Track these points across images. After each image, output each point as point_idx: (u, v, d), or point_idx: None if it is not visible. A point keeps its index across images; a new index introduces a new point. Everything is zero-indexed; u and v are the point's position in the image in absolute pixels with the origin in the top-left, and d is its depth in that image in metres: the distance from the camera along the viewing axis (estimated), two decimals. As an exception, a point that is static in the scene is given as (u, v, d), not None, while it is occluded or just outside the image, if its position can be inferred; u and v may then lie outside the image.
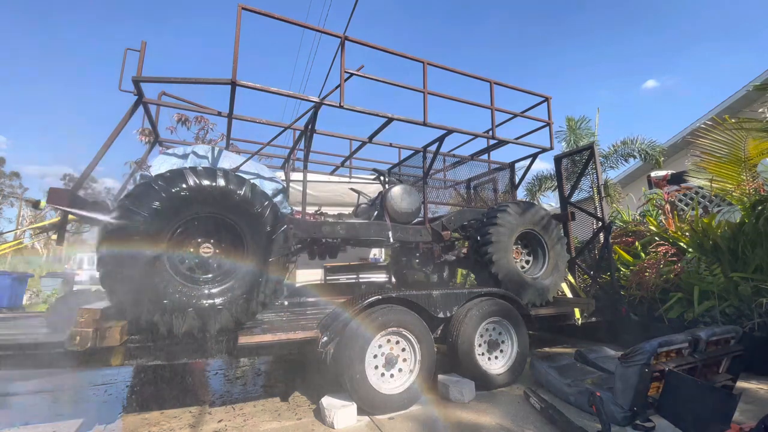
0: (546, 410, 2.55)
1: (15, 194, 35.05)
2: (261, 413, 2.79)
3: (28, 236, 14.81)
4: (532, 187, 9.55)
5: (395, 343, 2.87)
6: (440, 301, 3.18)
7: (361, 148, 5.05)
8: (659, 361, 2.40)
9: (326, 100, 3.51)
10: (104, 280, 2.28)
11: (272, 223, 2.69)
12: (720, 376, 2.66)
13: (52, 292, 9.99)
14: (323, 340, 2.65)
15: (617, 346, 4.24)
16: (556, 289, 4.19)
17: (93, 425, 2.62)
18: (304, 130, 4.10)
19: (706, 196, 7.06)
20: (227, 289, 2.53)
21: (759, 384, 3.11)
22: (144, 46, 3.25)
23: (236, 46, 3.08)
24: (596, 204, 4.93)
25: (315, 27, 3.58)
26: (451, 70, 4.28)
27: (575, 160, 6.96)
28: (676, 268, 4.13)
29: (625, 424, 2.32)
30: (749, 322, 3.46)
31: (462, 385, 2.91)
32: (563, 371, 3.11)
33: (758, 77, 8.26)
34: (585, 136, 8.82)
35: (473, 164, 5.92)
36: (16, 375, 3.73)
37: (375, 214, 4.31)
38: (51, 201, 2.57)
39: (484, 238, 3.89)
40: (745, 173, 4.23)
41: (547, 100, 4.87)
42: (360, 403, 2.61)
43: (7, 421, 2.71)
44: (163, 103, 3.89)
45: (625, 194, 8.93)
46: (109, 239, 2.26)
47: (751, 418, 2.39)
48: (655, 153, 8.37)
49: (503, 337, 3.36)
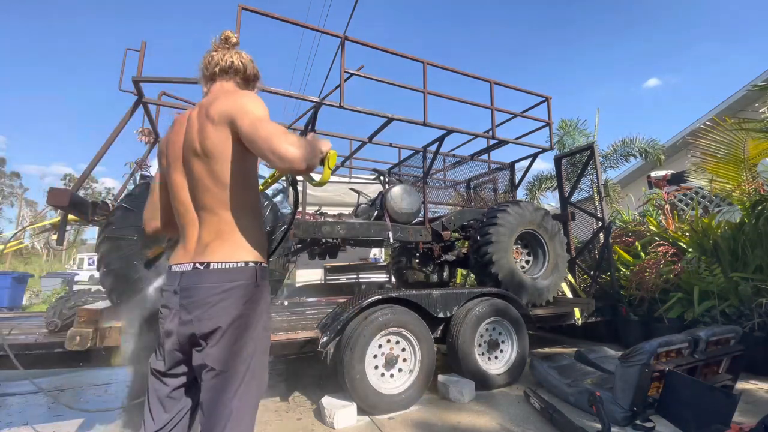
0: (546, 410, 2.55)
1: (15, 194, 35.06)
2: (261, 413, 2.79)
3: (28, 236, 14.80)
4: (532, 187, 9.55)
5: (395, 343, 2.87)
6: (440, 301, 3.18)
7: (361, 148, 5.06)
8: (659, 361, 2.40)
9: (326, 100, 3.51)
10: (105, 280, 2.28)
11: (272, 223, 2.69)
12: (720, 376, 2.66)
13: (52, 292, 9.99)
14: (323, 340, 2.66)
15: (617, 346, 4.24)
16: (556, 289, 4.19)
17: (93, 425, 2.62)
18: (304, 130, 4.10)
19: (706, 196, 7.06)
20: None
21: (759, 384, 3.11)
22: (144, 46, 3.25)
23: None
24: (596, 204, 4.93)
25: (315, 27, 3.58)
26: (451, 70, 4.29)
27: (575, 161, 6.97)
28: (676, 268, 4.13)
29: (625, 424, 2.32)
30: (749, 322, 3.45)
31: (462, 385, 2.91)
32: (563, 371, 3.11)
33: (758, 77, 8.26)
34: (581, 138, 8.82)
35: (473, 164, 5.92)
36: (16, 375, 3.73)
37: (375, 214, 4.31)
38: (51, 201, 2.57)
39: (484, 238, 3.89)
40: (745, 173, 4.23)
41: (547, 100, 4.87)
42: (360, 403, 2.61)
43: (7, 421, 2.71)
44: (163, 103, 3.89)
45: (624, 194, 8.93)
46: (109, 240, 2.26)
47: (751, 418, 2.39)
48: (656, 151, 8.35)
49: (503, 337, 3.36)
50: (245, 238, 1.14)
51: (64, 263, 24.63)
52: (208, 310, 1.06)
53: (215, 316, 1.06)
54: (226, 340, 1.06)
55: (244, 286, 1.10)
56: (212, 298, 1.07)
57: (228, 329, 1.07)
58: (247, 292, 1.10)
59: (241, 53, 1.32)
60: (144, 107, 3.50)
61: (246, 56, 1.32)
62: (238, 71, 1.30)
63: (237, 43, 1.32)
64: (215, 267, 1.09)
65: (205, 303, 1.07)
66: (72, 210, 2.64)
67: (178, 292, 1.10)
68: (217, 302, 1.07)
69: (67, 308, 2.54)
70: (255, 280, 1.12)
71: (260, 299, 1.14)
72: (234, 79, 1.30)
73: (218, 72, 1.28)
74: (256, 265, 1.13)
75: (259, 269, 1.13)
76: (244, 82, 1.33)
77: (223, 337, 1.06)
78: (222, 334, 1.06)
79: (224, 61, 1.27)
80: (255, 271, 1.12)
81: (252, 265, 1.12)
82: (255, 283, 1.12)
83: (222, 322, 1.06)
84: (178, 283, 1.11)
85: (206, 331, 1.06)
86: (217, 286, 1.07)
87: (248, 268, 1.11)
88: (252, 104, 1.12)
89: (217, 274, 1.09)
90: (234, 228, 1.13)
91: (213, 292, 1.07)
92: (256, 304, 1.12)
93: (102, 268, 2.56)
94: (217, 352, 1.06)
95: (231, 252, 1.11)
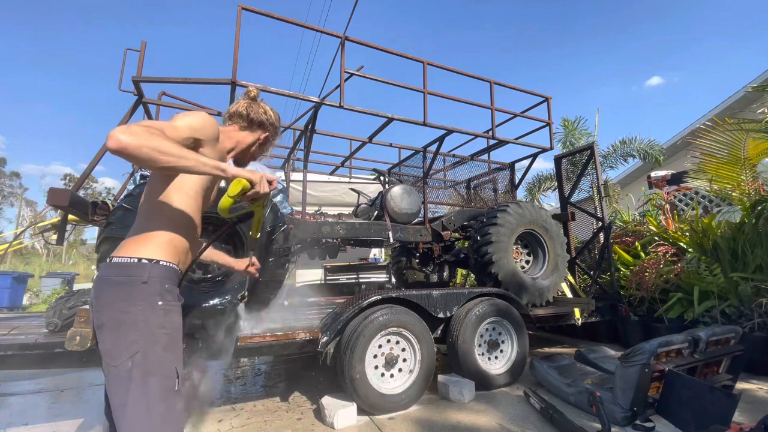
0: (546, 410, 2.55)
1: (15, 194, 35.05)
2: (261, 413, 2.79)
3: (28, 236, 14.80)
4: (532, 187, 9.56)
5: (395, 343, 2.87)
6: (440, 301, 3.18)
7: (361, 148, 5.06)
8: (659, 361, 2.40)
9: (326, 100, 3.51)
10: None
11: (272, 223, 2.69)
12: (720, 376, 2.66)
13: (52, 292, 9.99)
14: (323, 341, 2.66)
15: (617, 346, 4.24)
16: (556, 289, 4.19)
17: (93, 425, 2.62)
18: (304, 130, 4.10)
19: (706, 196, 7.07)
20: (227, 289, 2.53)
21: (759, 384, 3.11)
22: (144, 46, 3.25)
23: (236, 46, 3.08)
24: (596, 204, 4.93)
25: (315, 27, 3.58)
26: (451, 70, 4.29)
27: (575, 161, 6.96)
28: (676, 268, 4.13)
29: (625, 424, 2.32)
30: (749, 322, 3.46)
31: (462, 385, 2.91)
32: (563, 371, 3.11)
33: (757, 78, 8.27)
34: (582, 137, 8.83)
35: (473, 164, 5.92)
36: (16, 375, 3.73)
37: (375, 214, 4.31)
38: (51, 201, 2.57)
39: (484, 238, 3.89)
40: (745, 173, 4.23)
41: (547, 100, 4.88)
42: (360, 403, 2.61)
43: (7, 421, 2.71)
44: (163, 103, 3.89)
45: (624, 194, 8.94)
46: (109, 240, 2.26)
47: (751, 418, 2.39)
48: (655, 152, 8.37)
49: (503, 337, 3.36)
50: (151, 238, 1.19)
51: (64, 263, 24.64)
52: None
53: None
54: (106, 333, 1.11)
55: (129, 282, 1.12)
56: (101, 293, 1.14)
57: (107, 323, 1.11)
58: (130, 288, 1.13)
59: (259, 104, 1.49)
60: (144, 107, 3.50)
61: (259, 107, 1.48)
62: (242, 116, 1.46)
63: (256, 95, 1.51)
64: (114, 261, 1.16)
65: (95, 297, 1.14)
66: (72, 210, 2.65)
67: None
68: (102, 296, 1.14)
69: (67, 308, 2.54)
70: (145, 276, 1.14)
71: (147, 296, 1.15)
72: (239, 123, 1.47)
73: (227, 117, 1.48)
74: (150, 263, 1.15)
75: (151, 267, 1.15)
76: (248, 126, 1.47)
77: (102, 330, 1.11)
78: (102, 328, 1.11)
79: (233, 109, 1.47)
80: (147, 269, 1.14)
81: (145, 262, 1.15)
82: (143, 280, 1.13)
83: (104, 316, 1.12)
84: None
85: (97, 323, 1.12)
86: (109, 280, 1.14)
87: (140, 264, 1.14)
88: (179, 117, 1.22)
89: (113, 268, 1.15)
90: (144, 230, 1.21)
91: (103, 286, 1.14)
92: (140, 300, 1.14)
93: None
94: (101, 346, 1.10)
95: (131, 249, 1.17)
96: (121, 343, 1.07)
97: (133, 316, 1.09)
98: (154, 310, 1.13)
